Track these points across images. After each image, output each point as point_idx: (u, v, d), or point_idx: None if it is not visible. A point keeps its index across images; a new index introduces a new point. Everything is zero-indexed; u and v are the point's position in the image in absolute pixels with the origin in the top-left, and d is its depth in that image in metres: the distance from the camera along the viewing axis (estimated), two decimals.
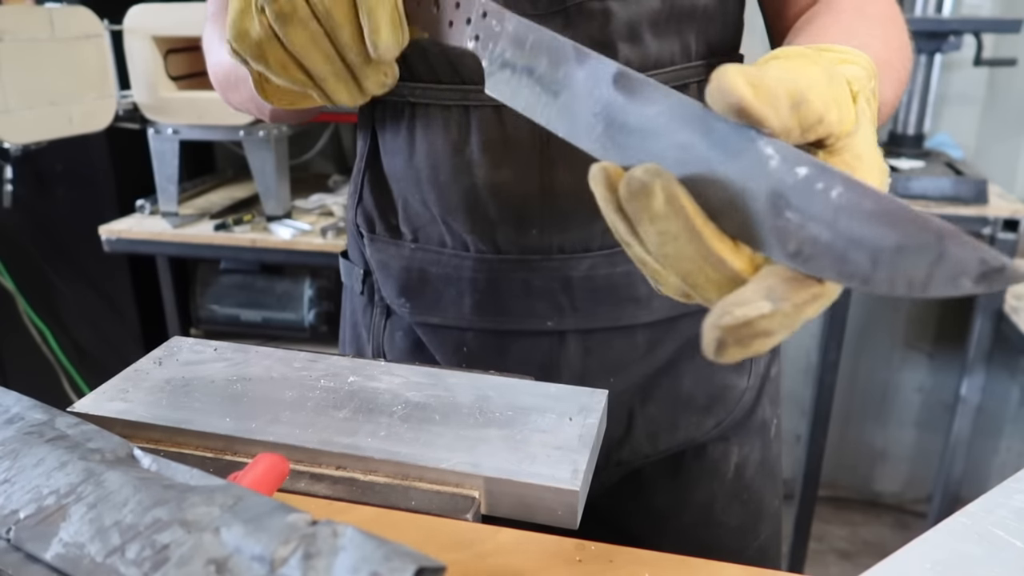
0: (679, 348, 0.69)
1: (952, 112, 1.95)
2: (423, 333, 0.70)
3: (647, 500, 0.73)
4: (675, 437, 0.70)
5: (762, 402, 0.74)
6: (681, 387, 0.69)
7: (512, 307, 0.65)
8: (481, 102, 0.60)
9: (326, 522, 0.34)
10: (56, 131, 1.56)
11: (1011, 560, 0.41)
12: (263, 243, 1.67)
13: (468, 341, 0.68)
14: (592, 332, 0.66)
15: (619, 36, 0.59)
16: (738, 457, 0.73)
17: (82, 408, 0.54)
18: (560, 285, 0.64)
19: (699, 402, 0.70)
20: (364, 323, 0.75)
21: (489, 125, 0.61)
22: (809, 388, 1.89)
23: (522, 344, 0.66)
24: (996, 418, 2.06)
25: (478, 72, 0.59)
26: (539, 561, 0.43)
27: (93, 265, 2.02)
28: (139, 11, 1.66)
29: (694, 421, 0.70)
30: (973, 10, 1.87)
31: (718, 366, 0.70)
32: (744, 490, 0.74)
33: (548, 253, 0.64)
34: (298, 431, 0.52)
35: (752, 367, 0.72)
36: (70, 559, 0.36)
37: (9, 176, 1.81)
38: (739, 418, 0.72)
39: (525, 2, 0.58)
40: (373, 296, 0.73)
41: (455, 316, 0.67)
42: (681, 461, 0.72)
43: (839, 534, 2.18)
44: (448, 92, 0.62)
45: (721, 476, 0.73)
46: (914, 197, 1.62)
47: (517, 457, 0.49)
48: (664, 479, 0.72)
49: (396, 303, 0.70)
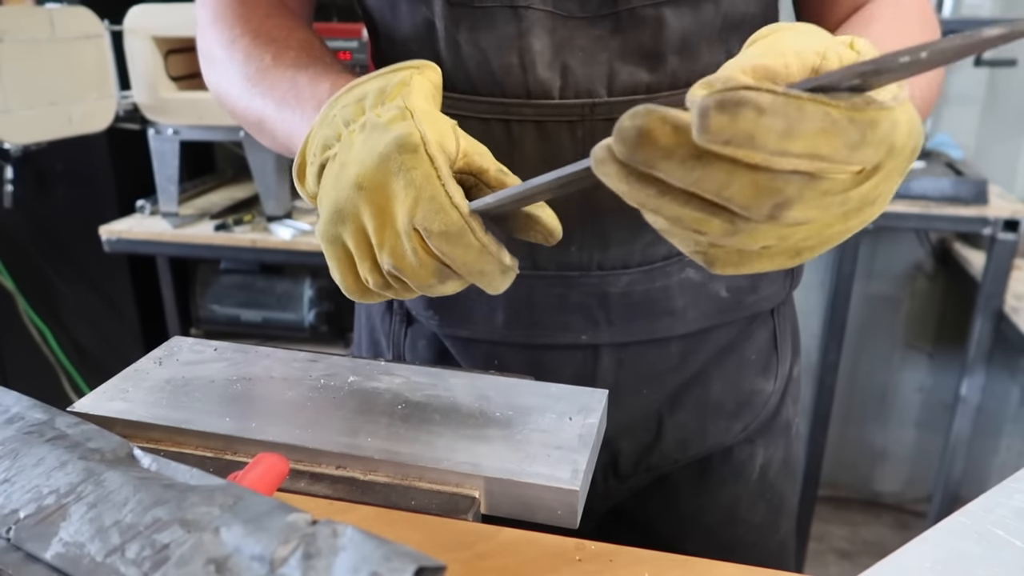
0: (709, 357, 0.68)
1: (952, 112, 1.95)
2: (451, 345, 0.69)
3: (674, 503, 0.73)
4: (704, 443, 0.70)
5: (786, 403, 0.75)
6: (710, 394, 0.69)
7: (546, 322, 0.64)
8: (523, 116, 0.58)
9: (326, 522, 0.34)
10: (56, 131, 1.56)
11: (1011, 559, 0.41)
12: (263, 243, 1.67)
13: (500, 354, 0.66)
14: (626, 345, 0.65)
15: (671, 48, 0.57)
16: (763, 458, 0.73)
17: (82, 408, 0.54)
18: (597, 301, 0.63)
19: (728, 408, 0.70)
20: (383, 329, 0.73)
21: (530, 140, 0.59)
22: (809, 388, 1.89)
23: (555, 357, 0.65)
24: (996, 418, 2.06)
25: (521, 86, 0.58)
26: (539, 561, 0.43)
27: (93, 265, 2.02)
28: (139, 11, 1.66)
29: (723, 427, 0.70)
30: (973, 10, 1.87)
31: (745, 371, 0.70)
32: (768, 489, 0.75)
33: (587, 270, 0.62)
34: (298, 431, 0.52)
35: (778, 369, 0.72)
36: (70, 559, 0.36)
37: (9, 176, 1.81)
38: (764, 420, 0.72)
39: (573, 4, 0.56)
40: (392, 303, 0.71)
41: (487, 330, 0.65)
42: (708, 464, 0.72)
43: (839, 534, 2.18)
44: (487, 105, 0.59)
45: (746, 477, 0.73)
46: (914, 197, 1.62)
47: (517, 457, 0.49)
48: (691, 482, 0.72)
49: (423, 315, 0.68)
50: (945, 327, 2.11)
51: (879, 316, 2.14)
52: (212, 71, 0.67)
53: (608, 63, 0.57)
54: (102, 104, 1.65)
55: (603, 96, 0.58)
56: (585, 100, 0.57)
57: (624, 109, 0.56)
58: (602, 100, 0.58)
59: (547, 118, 0.58)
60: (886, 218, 1.61)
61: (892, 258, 2.08)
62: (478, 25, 0.57)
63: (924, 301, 2.11)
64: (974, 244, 1.86)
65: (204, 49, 0.69)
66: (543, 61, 0.57)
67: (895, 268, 2.10)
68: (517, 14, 0.56)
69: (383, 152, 0.44)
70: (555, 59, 0.57)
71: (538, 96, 0.58)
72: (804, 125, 0.30)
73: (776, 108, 0.30)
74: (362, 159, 0.45)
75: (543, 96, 0.57)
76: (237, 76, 0.62)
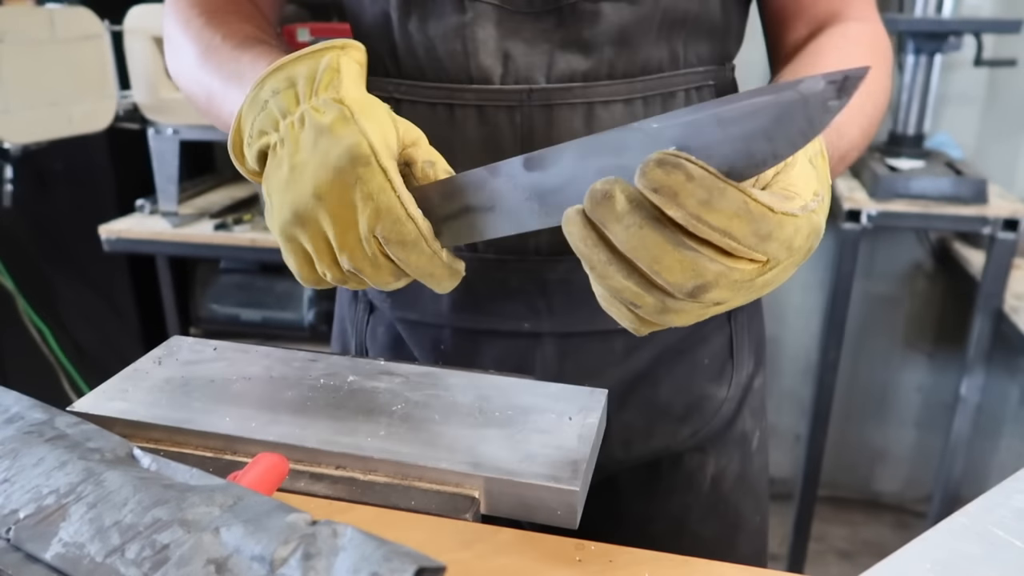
0: (657, 356, 0.68)
1: (952, 112, 1.95)
2: (402, 329, 0.71)
3: (622, 507, 0.72)
4: (649, 445, 0.70)
5: (743, 414, 0.74)
6: (658, 395, 0.69)
7: (488, 307, 0.66)
8: (465, 101, 0.61)
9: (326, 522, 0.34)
10: (56, 131, 1.56)
11: (1010, 560, 0.41)
12: (263, 243, 1.67)
13: (445, 339, 0.68)
14: (569, 336, 0.66)
15: (607, 39, 0.60)
16: (715, 469, 0.72)
17: (82, 408, 0.54)
18: (536, 287, 0.64)
19: (676, 411, 0.70)
20: (349, 317, 0.76)
21: (471, 124, 0.61)
22: (809, 388, 1.89)
23: (498, 344, 0.67)
24: (996, 418, 2.06)
25: (464, 71, 0.60)
26: (539, 561, 0.43)
27: (93, 265, 2.02)
28: (139, 11, 1.66)
29: (670, 429, 0.70)
30: (973, 10, 1.87)
31: (697, 375, 0.70)
32: (721, 503, 0.73)
33: (524, 254, 0.64)
34: (298, 431, 0.52)
35: (733, 376, 0.72)
36: (70, 559, 0.36)
37: (9, 176, 1.80)
38: (718, 429, 0.72)
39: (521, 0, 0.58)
40: (357, 292, 0.74)
41: (433, 313, 0.68)
42: (658, 470, 0.72)
43: (839, 534, 2.18)
44: (433, 90, 0.62)
45: (697, 487, 0.72)
46: (914, 197, 1.62)
47: (517, 457, 0.49)
48: (640, 487, 0.72)
49: (377, 298, 0.71)
50: (945, 327, 2.11)
51: (879, 316, 2.14)
52: (171, 54, 0.70)
53: (548, 52, 0.60)
54: (102, 104, 1.65)
55: (541, 83, 0.60)
56: (524, 86, 0.60)
57: (560, 95, 0.61)
58: (540, 87, 0.60)
59: (487, 103, 0.61)
60: (886, 217, 1.61)
61: (892, 258, 2.08)
62: (428, 15, 0.60)
63: (924, 301, 2.11)
64: (974, 243, 1.86)
65: (166, 33, 0.71)
66: (487, 49, 0.60)
67: (895, 268, 2.10)
68: (463, 6, 0.59)
69: (337, 165, 0.47)
70: (498, 48, 0.60)
71: (479, 81, 0.61)
72: (722, 203, 0.36)
73: (703, 180, 0.35)
74: (315, 171, 0.47)
75: (484, 81, 0.60)
76: (190, 55, 0.65)
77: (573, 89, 0.60)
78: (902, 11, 1.84)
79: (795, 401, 2.19)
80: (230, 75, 0.60)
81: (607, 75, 0.61)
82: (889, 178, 1.63)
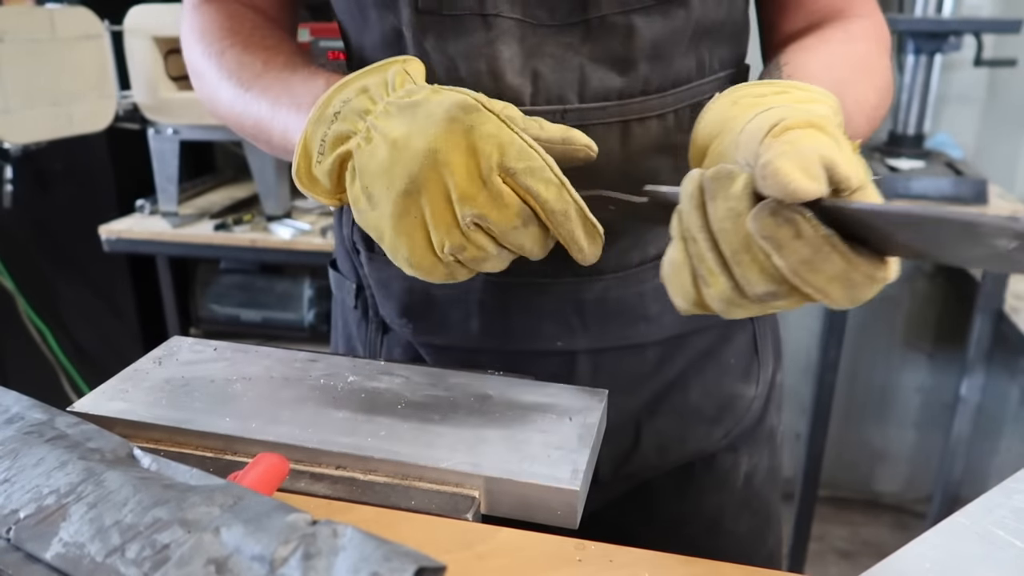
0: (688, 362, 0.68)
1: (952, 112, 1.95)
2: (426, 353, 0.68)
3: (656, 511, 0.72)
4: (684, 449, 0.70)
5: (769, 410, 0.74)
6: (689, 399, 0.69)
7: (521, 329, 0.64)
8: None
9: (326, 522, 0.34)
10: (56, 131, 1.56)
11: (1010, 560, 0.41)
12: (263, 243, 1.67)
13: (474, 361, 0.66)
14: (603, 351, 0.65)
15: (642, 54, 0.57)
16: (747, 466, 0.73)
17: (82, 408, 0.54)
18: (571, 307, 0.63)
19: (708, 413, 0.69)
20: (359, 337, 0.73)
21: None
22: (809, 387, 1.89)
23: (531, 364, 0.65)
24: (996, 418, 2.06)
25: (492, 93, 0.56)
26: (539, 561, 0.43)
27: (93, 265, 2.02)
28: (139, 11, 1.66)
29: (703, 432, 0.70)
30: (973, 10, 1.87)
31: (726, 376, 0.70)
32: (754, 498, 0.74)
33: (559, 276, 0.62)
34: (298, 431, 0.52)
35: (760, 375, 0.72)
36: (70, 559, 0.36)
37: (9, 176, 1.81)
38: (748, 427, 0.72)
39: (543, 12, 0.56)
40: (368, 311, 0.71)
41: (461, 338, 0.65)
42: (691, 472, 0.71)
43: (839, 534, 2.18)
44: None
45: (731, 486, 0.72)
46: (914, 197, 1.62)
47: (517, 457, 0.49)
48: (673, 490, 0.72)
49: (397, 323, 0.68)
50: (944, 327, 2.11)
51: (879, 316, 2.14)
52: (203, 84, 0.68)
53: (579, 69, 0.57)
54: (102, 104, 1.65)
55: (574, 103, 0.57)
56: (556, 106, 0.57)
57: (596, 115, 0.59)
58: (574, 107, 0.57)
59: None
60: None
61: None
62: (446, 33, 0.57)
63: (924, 301, 2.11)
64: None
65: (193, 63, 0.69)
66: (512, 68, 0.57)
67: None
68: (486, 22, 0.56)
69: (448, 116, 0.46)
70: (525, 66, 0.57)
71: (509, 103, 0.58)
72: (824, 266, 0.37)
73: (810, 241, 0.37)
74: (424, 128, 0.46)
75: (514, 103, 0.56)
76: (229, 84, 0.63)
77: (608, 108, 0.58)
78: (902, 11, 1.84)
79: (795, 401, 2.19)
80: (278, 97, 0.58)
81: (642, 91, 0.58)
82: (889, 178, 1.63)
